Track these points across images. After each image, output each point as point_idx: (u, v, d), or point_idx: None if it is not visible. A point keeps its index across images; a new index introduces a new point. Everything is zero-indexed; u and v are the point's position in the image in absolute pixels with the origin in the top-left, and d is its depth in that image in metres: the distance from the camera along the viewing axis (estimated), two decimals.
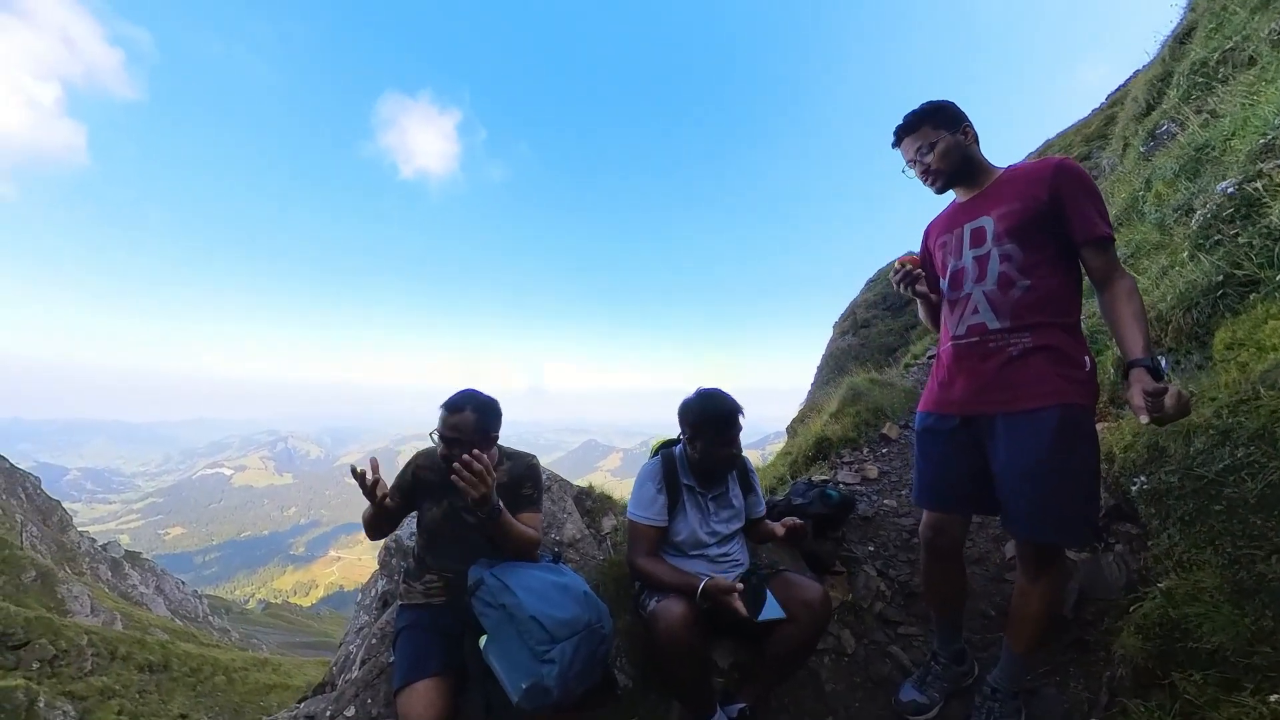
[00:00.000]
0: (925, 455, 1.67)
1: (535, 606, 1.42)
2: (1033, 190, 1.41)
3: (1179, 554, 1.42)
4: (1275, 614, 1.16)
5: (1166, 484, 1.52)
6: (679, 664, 1.62)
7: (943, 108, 1.54)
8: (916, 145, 1.54)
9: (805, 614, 1.74)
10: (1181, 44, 5.69)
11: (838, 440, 4.91)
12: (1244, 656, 1.20)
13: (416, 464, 1.84)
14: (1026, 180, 1.44)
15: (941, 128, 1.51)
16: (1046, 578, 1.51)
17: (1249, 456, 1.30)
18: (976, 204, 1.52)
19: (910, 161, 1.57)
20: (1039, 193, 1.39)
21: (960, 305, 1.51)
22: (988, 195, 1.50)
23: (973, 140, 1.53)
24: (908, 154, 1.58)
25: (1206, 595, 1.30)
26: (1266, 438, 1.28)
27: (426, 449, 1.85)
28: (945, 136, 1.50)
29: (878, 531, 2.96)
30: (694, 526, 1.88)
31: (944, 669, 1.87)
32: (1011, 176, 1.49)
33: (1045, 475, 1.35)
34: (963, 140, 1.51)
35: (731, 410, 1.84)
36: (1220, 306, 1.91)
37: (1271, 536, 1.20)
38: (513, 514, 1.67)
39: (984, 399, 1.46)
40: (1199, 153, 3.10)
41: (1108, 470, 2.04)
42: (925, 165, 1.53)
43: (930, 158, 1.51)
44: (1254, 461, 1.29)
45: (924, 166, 1.53)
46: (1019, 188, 1.44)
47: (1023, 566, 1.56)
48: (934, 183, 1.56)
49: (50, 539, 19.62)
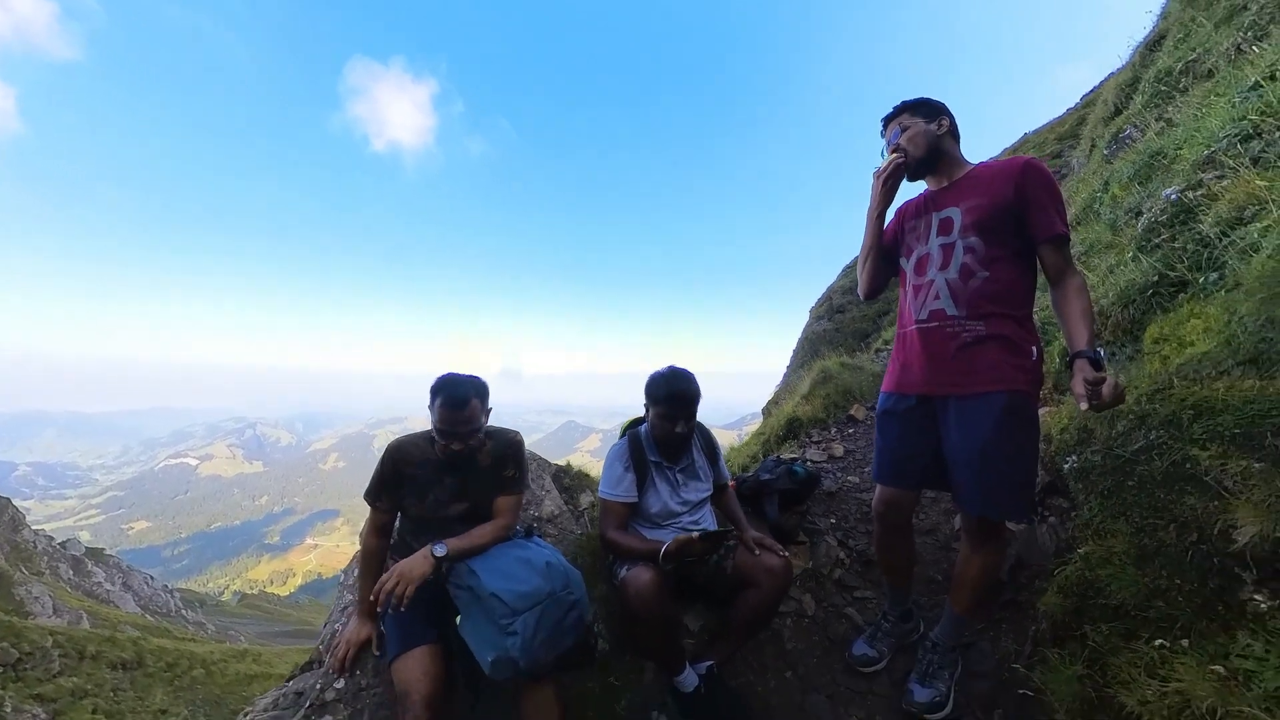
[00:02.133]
0: (883, 433, 1.78)
1: (495, 583, 1.48)
2: (1000, 187, 1.48)
3: (1097, 524, 1.60)
4: (1169, 574, 1.35)
5: (1091, 462, 1.70)
6: (649, 627, 1.73)
7: (926, 100, 1.62)
8: (894, 131, 1.63)
9: (768, 580, 1.90)
10: (1151, 51, 5.90)
11: (808, 420, 5.13)
12: (1142, 610, 1.40)
13: (395, 458, 1.72)
14: (995, 177, 1.51)
15: (918, 116, 1.60)
16: (988, 548, 1.67)
17: (1159, 439, 1.48)
18: (946, 195, 1.60)
19: (886, 144, 1.65)
20: (1006, 190, 1.47)
21: (923, 290, 1.59)
22: (958, 188, 1.58)
23: (948, 132, 1.60)
24: (887, 138, 1.67)
25: (1116, 559, 1.49)
26: (1175, 422, 1.46)
27: (401, 439, 1.77)
28: (919, 124, 1.58)
29: (840, 505, 3.16)
30: (665, 499, 2.01)
31: (892, 626, 2.06)
32: (981, 173, 1.57)
33: (992, 456, 1.47)
34: (935, 130, 1.58)
35: (684, 391, 1.92)
36: (1154, 305, 2.10)
37: (1172, 508, 1.38)
38: (492, 499, 1.72)
39: (939, 381, 1.57)
40: (1153, 159, 3.30)
41: (1045, 450, 2.25)
42: (896, 146, 1.61)
43: (902, 138, 1.60)
44: (1163, 443, 1.46)
45: (895, 147, 1.61)
46: (988, 184, 1.51)
47: (968, 538, 1.72)
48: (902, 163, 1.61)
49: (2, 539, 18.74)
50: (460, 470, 1.73)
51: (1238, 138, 2.46)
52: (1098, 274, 2.89)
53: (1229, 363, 1.47)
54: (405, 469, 1.71)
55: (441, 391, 1.61)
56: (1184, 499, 1.36)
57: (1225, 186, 2.18)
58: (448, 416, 1.59)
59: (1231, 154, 2.35)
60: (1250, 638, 1.14)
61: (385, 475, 1.72)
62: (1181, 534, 1.34)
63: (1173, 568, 1.35)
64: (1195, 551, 1.31)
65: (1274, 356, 1.37)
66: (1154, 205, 2.55)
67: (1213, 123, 2.71)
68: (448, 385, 1.61)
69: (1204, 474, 1.34)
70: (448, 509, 1.73)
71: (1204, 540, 1.29)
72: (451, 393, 1.60)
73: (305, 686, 1.90)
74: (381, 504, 1.73)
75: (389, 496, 1.74)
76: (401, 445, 1.74)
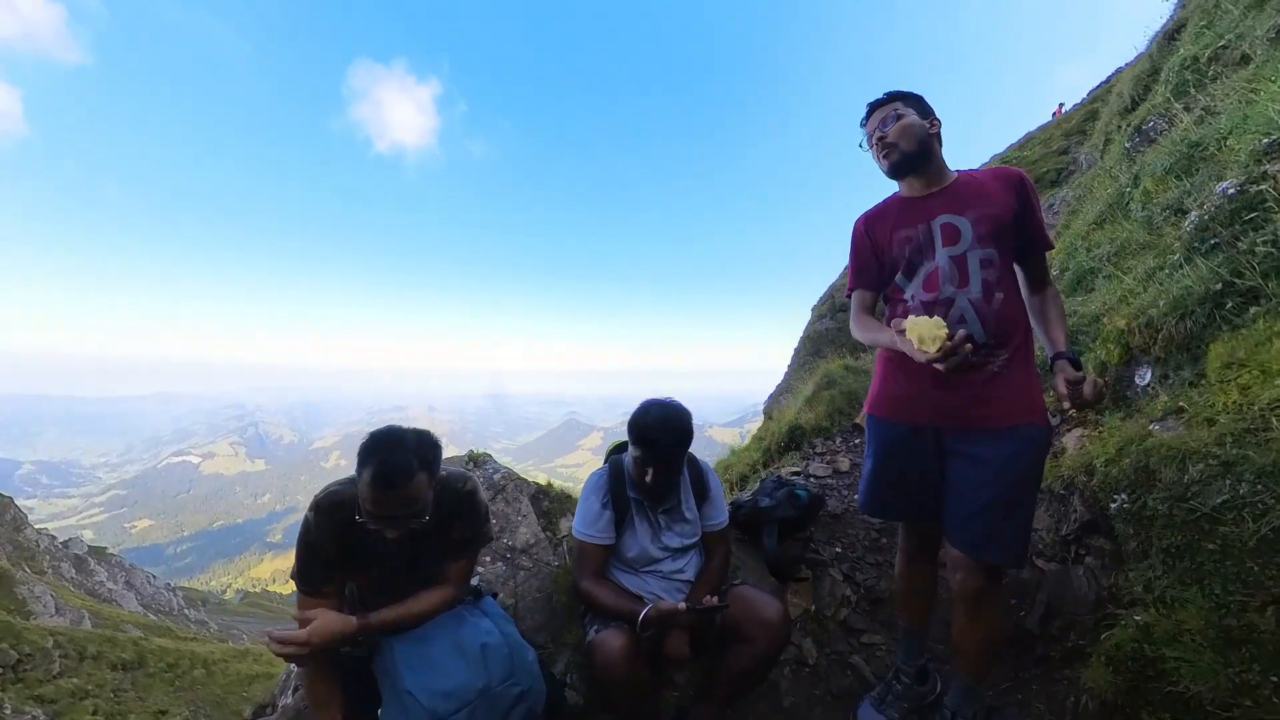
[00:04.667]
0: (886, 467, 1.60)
1: (412, 678, 1.18)
2: (1006, 196, 1.42)
3: (1161, 588, 1.33)
4: (1263, 669, 1.07)
5: (1153, 510, 1.42)
6: (619, 696, 1.51)
7: (917, 95, 1.52)
8: (882, 117, 1.49)
9: (762, 634, 1.62)
10: (1171, 40, 5.59)
11: (811, 429, 4.85)
12: (1223, 709, 1.12)
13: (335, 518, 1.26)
14: (997, 186, 1.44)
15: (910, 108, 1.48)
16: (987, 610, 1.49)
17: (1253, 494, 1.19)
18: (939, 201, 1.47)
19: (870, 135, 1.52)
20: (1011, 199, 1.42)
21: (940, 310, 1.40)
22: (957, 194, 1.46)
23: (937, 134, 1.49)
24: (871, 127, 1.52)
25: (1188, 638, 1.21)
26: (1276, 474, 1.17)
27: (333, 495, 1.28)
28: (911, 115, 1.46)
29: (846, 530, 2.88)
30: (644, 543, 1.72)
31: (905, 689, 1.79)
32: (978, 180, 1.48)
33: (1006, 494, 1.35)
34: (927, 127, 1.47)
35: (659, 440, 1.59)
36: (1216, 317, 1.81)
37: (1268, 585, 1.11)
38: (438, 564, 1.38)
39: (959, 414, 1.42)
40: (1192, 150, 2.99)
41: (1085, 483, 1.96)
42: (884, 136, 1.47)
43: (891, 129, 1.46)
44: (1258, 500, 1.18)
45: (882, 136, 1.47)
46: (992, 193, 1.43)
47: (964, 599, 1.49)
48: (889, 156, 1.48)
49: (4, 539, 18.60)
50: (405, 538, 1.28)
51: None
52: (1135, 277, 2.59)
53: None
54: (348, 540, 1.26)
55: (371, 460, 1.14)
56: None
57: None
58: (380, 498, 1.14)
59: None
60: None
61: (325, 551, 1.26)
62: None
63: (1268, 660, 1.08)
64: None
65: None
66: (1205, 201, 2.25)
67: (1269, 108, 2.41)
68: (381, 450, 1.15)
69: None
70: (395, 581, 1.35)
71: None
72: (385, 464, 1.14)
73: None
74: (329, 589, 1.28)
75: (332, 579, 1.29)
76: (341, 503, 1.24)
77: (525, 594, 2.14)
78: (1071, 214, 5.34)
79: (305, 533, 1.27)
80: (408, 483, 1.15)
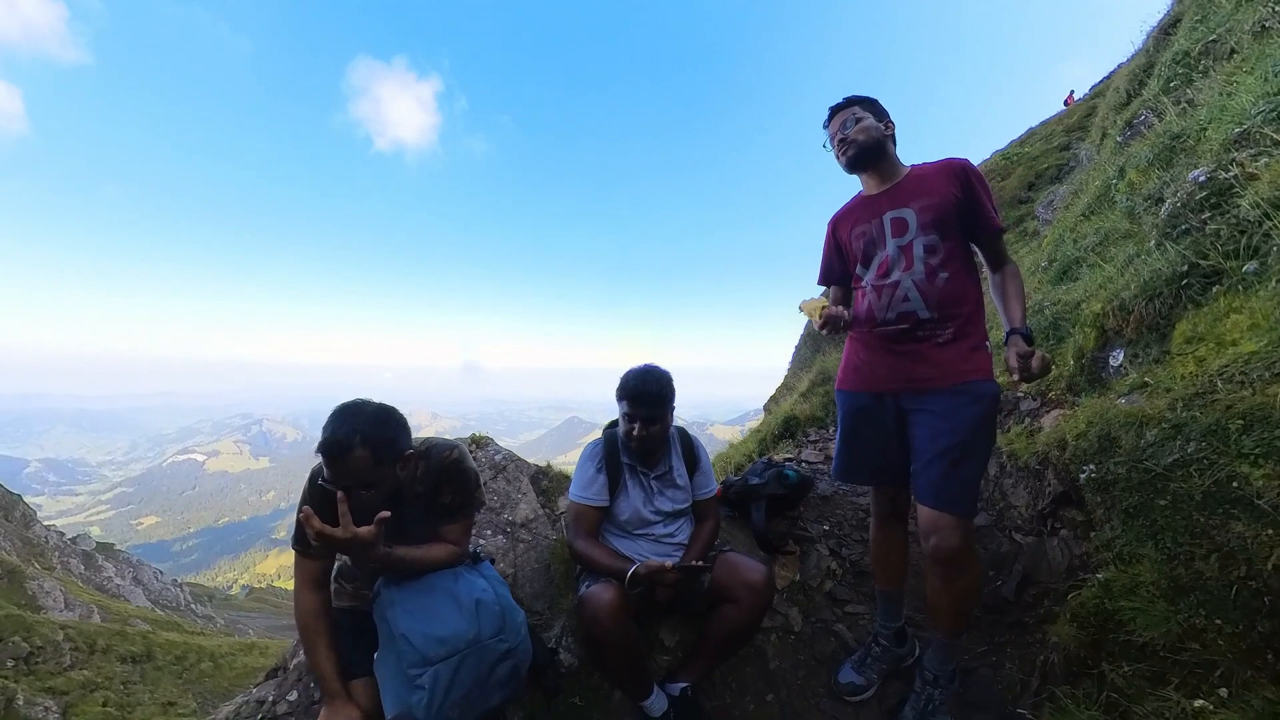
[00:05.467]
0: (857, 433, 1.73)
1: (407, 622, 1.25)
2: (947, 185, 1.55)
3: (1120, 546, 1.41)
4: (1208, 613, 1.15)
5: (1114, 474, 1.50)
6: (607, 650, 1.60)
7: (873, 99, 1.67)
8: (843, 120, 1.65)
9: (747, 595, 1.72)
10: (1166, 35, 5.64)
11: (805, 419, 4.94)
12: (1173, 653, 1.20)
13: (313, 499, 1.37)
14: (939, 176, 1.58)
15: (868, 112, 1.63)
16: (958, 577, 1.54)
17: (1199, 452, 1.27)
18: (892, 196, 1.62)
19: (832, 135, 1.67)
20: (952, 188, 1.54)
21: (887, 291, 1.59)
22: (904, 189, 1.61)
23: (890, 136, 1.65)
24: (833, 129, 1.68)
25: (1144, 589, 1.29)
26: (1219, 433, 1.26)
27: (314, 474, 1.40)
28: (869, 118, 1.63)
29: (834, 510, 2.97)
30: (637, 505, 1.82)
31: (884, 651, 1.88)
32: (924, 173, 1.62)
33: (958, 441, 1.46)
34: (882, 128, 1.63)
35: (644, 391, 1.75)
36: (1183, 298, 1.89)
37: (1213, 534, 1.18)
38: (430, 528, 1.46)
39: (910, 378, 1.57)
40: (1173, 141, 3.07)
41: (1059, 456, 2.04)
42: (845, 135, 1.62)
43: (851, 130, 1.62)
44: (1204, 457, 1.26)
45: (844, 136, 1.63)
46: (934, 183, 1.57)
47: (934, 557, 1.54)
48: (846, 152, 1.64)
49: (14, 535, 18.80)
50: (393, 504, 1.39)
51: (1273, 114, 2.23)
52: (1115, 265, 2.67)
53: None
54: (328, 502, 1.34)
55: (324, 431, 1.24)
56: (1229, 524, 1.16)
57: (1264, 165, 1.96)
58: (328, 466, 1.24)
59: (1269, 129, 2.12)
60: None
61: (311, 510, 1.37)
62: (1225, 566, 1.14)
63: (1213, 605, 1.16)
64: (1242, 588, 1.11)
65: None
66: (1179, 189, 2.33)
67: (1243, 99, 2.48)
68: (332, 423, 1.23)
69: (1256, 496, 1.14)
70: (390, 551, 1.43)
71: (1253, 575, 1.09)
72: (329, 437, 1.22)
73: (265, 695, 1.86)
74: (314, 550, 1.37)
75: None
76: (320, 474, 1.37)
77: (524, 565, 2.24)
78: (1066, 208, 5.41)
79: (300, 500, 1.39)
80: (346, 455, 1.22)
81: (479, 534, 2.39)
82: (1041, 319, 3.00)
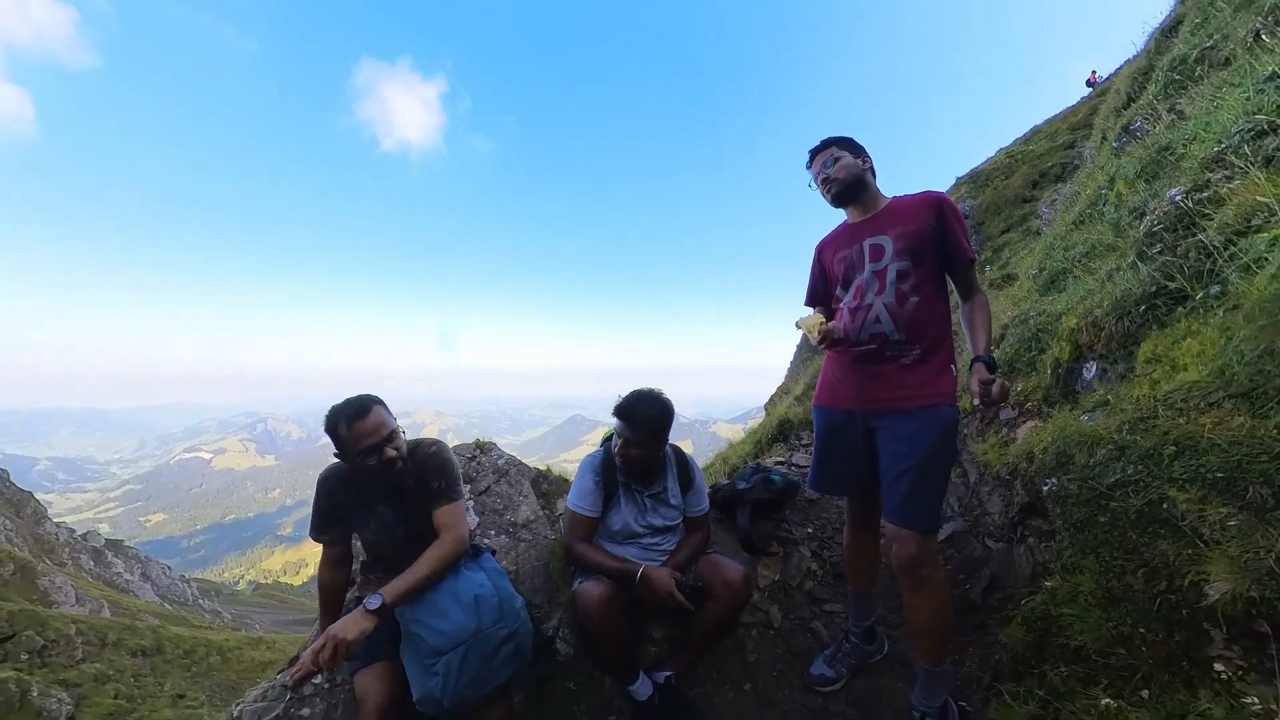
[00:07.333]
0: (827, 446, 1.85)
1: (417, 620, 1.44)
2: (923, 216, 1.65)
3: (1066, 557, 1.51)
4: (1134, 622, 1.26)
5: (1068, 490, 1.60)
6: (597, 640, 1.74)
7: (849, 138, 1.78)
8: (823, 160, 1.77)
9: (726, 592, 1.86)
10: (1167, 37, 5.59)
11: (798, 423, 5.04)
12: (1103, 656, 1.32)
13: (328, 488, 1.70)
14: (916, 208, 1.69)
15: (845, 151, 1.75)
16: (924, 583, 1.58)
17: (1137, 474, 1.37)
18: (872, 224, 1.73)
19: (815, 175, 1.79)
20: (928, 218, 1.64)
21: (861, 313, 1.69)
22: (883, 218, 1.72)
23: (869, 169, 1.77)
24: (815, 169, 1.79)
25: (1082, 598, 1.40)
26: (1155, 458, 1.35)
27: (329, 469, 1.73)
28: (847, 156, 1.74)
29: (820, 514, 3.08)
30: (628, 520, 1.95)
31: (854, 647, 2.01)
32: (902, 204, 1.73)
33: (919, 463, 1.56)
34: (860, 165, 1.74)
35: (640, 417, 1.85)
36: (1150, 318, 1.97)
37: (1142, 551, 1.29)
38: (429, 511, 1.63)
39: (879, 398, 1.67)
40: (1160, 154, 3.11)
41: (1026, 468, 2.15)
42: (827, 175, 1.74)
43: (832, 169, 1.74)
44: (1140, 479, 1.36)
45: (825, 176, 1.75)
46: (911, 213, 1.68)
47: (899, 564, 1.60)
48: (830, 190, 1.76)
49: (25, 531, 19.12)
50: (391, 496, 1.66)
51: (1250, 134, 2.28)
52: (1097, 279, 2.74)
53: (1220, 395, 1.35)
54: (340, 498, 1.67)
55: (338, 417, 1.53)
56: (1156, 543, 1.26)
57: (1233, 189, 2.02)
58: (358, 432, 1.52)
59: (1242, 152, 2.18)
60: (1212, 700, 1.06)
61: (322, 508, 1.69)
62: (1150, 580, 1.25)
63: (1138, 615, 1.27)
64: (1163, 601, 1.22)
65: (1270, 393, 1.26)
66: (1158, 206, 2.39)
67: (1225, 116, 2.53)
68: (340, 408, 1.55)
69: (1180, 519, 1.24)
70: (394, 536, 1.68)
71: (1173, 590, 1.20)
72: (349, 403, 1.55)
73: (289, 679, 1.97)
74: (328, 538, 1.70)
75: (334, 529, 1.71)
76: (331, 475, 1.70)
77: (525, 562, 2.39)
78: (1064, 212, 5.43)
79: (314, 499, 1.70)
80: (370, 410, 1.53)
81: (483, 534, 2.53)
82: (1025, 329, 3.07)
